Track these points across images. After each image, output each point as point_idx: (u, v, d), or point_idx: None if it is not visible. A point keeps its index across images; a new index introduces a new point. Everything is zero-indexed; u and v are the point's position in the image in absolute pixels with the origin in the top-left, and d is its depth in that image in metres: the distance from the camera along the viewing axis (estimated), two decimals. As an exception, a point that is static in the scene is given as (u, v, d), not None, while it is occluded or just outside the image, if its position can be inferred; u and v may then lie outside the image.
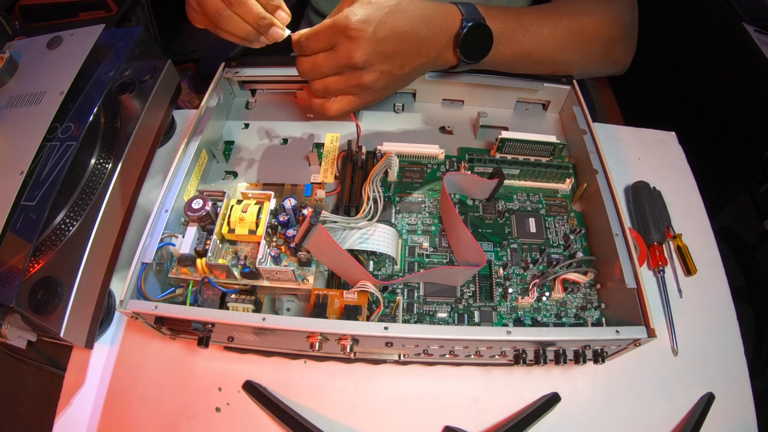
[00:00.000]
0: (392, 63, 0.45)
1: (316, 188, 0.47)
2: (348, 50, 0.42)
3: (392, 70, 0.45)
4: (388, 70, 0.45)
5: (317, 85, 0.45)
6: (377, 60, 0.43)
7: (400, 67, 0.46)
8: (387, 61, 0.44)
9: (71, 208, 0.44)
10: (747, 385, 0.46)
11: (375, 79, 0.44)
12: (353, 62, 0.42)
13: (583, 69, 0.59)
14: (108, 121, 0.51)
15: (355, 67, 0.43)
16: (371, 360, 0.46)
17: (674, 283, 0.52)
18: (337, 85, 0.44)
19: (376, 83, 0.45)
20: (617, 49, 0.59)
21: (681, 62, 1.11)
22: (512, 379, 0.46)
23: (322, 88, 0.45)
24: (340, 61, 0.42)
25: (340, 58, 0.42)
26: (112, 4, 1.06)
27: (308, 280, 0.43)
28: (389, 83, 0.46)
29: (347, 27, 0.41)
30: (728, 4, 0.95)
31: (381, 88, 0.46)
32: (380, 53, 0.43)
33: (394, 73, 0.46)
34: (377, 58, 0.43)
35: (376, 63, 0.43)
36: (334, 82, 0.44)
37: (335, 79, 0.44)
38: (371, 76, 0.44)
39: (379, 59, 0.43)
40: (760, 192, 0.86)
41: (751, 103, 0.90)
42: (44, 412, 0.47)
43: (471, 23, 0.46)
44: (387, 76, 0.45)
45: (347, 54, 0.42)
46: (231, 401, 0.45)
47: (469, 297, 0.45)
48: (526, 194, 0.52)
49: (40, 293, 0.40)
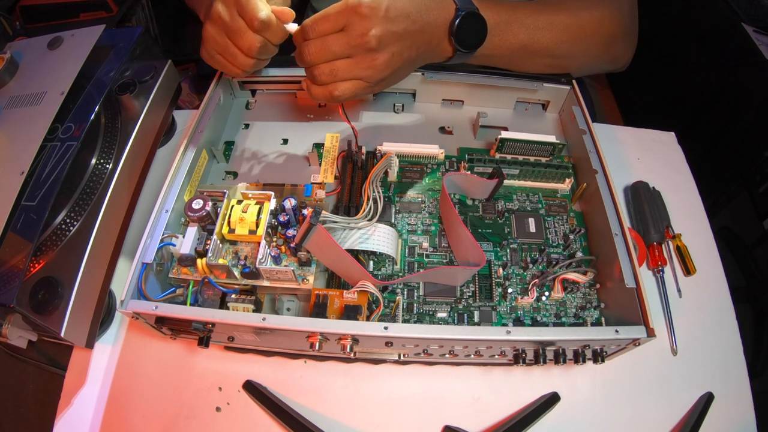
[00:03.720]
0: (403, 44, 0.44)
1: (316, 188, 0.47)
2: (362, 29, 0.41)
3: (402, 51, 0.44)
4: (398, 50, 0.44)
5: (324, 69, 0.43)
6: (390, 40, 0.43)
7: (409, 48, 0.45)
8: (398, 41, 0.44)
9: (72, 208, 0.44)
10: (746, 385, 0.47)
11: (387, 60, 0.43)
12: (367, 41, 0.41)
13: (582, 65, 0.59)
14: (108, 121, 0.51)
15: (369, 47, 0.42)
16: (371, 360, 0.46)
17: (673, 283, 0.52)
18: (347, 67, 0.43)
19: (388, 65, 0.44)
20: (617, 47, 0.59)
21: (680, 62, 1.12)
22: (512, 379, 0.47)
23: (329, 71, 0.43)
24: (353, 41, 0.42)
25: (353, 37, 0.41)
26: (112, 4, 1.06)
27: (308, 280, 0.43)
28: (398, 67, 0.46)
29: (360, 5, 0.40)
30: (727, 5, 0.95)
31: (391, 72, 0.45)
32: (393, 33, 0.43)
33: (403, 54, 0.45)
34: (390, 38, 0.43)
35: (389, 43, 0.43)
36: (344, 64, 0.43)
37: (344, 62, 0.43)
38: (384, 56, 0.43)
39: (392, 39, 0.43)
40: (759, 192, 0.86)
41: (751, 104, 0.90)
42: (45, 412, 0.47)
43: (464, 12, 0.47)
44: (398, 58, 0.44)
45: (361, 32, 0.41)
46: (231, 401, 0.45)
47: (468, 297, 0.45)
48: (526, 194, 0.52)
49: (41, 293, 0.40)
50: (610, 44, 0.58)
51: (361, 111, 0.61)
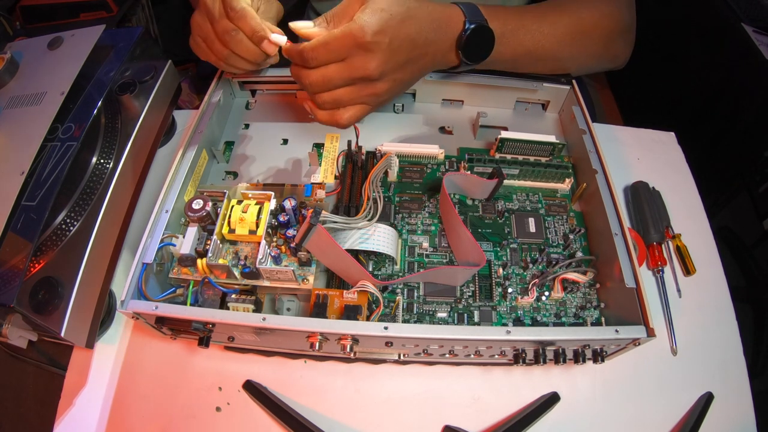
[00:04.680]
0: (404, 71, 0.45)
1: (316, 188, 0.47)
2: (363, 62, 0.41)
3: (404, 77, 0.46)
4: (400, 77, 0.45)
5: (326, 97, 0.43)
6: (391, 70, 0.43)
7: (411, 73, 0.46)
8: (400, 70, 0.44)
9: (72, 208, 0.44)
10: (746, 385, 0.47)
11: (389, 88, 0.44)
12: (369, 74, 0.42)
13: (583, 64, 0.59)
14: (108, 121, 0.51)
15: (371, 79, 0.42)
16: (371, 360, 0.46)
17: (673, 283, 0.52)
18: (349, 95, 0.44)
19: (389, 92, 0.45)
20: (616, 44, 0.59)
21: (680, 63, 1.12)
22: (512, 379, 0.47)
23: (332, 100, 0.44)
24: (354, 74, 0.42)
25: (355, 70, 0.41)
26: (112, 4, 1.06)
27: (308, 280, 0.43)
28: (402, 88, 0.47)
29: (364, 39, 0.39)
30: (727, 5, 0.95)
31: (394, 94, 0.47)
32: (395, 63, 0.43)
33: (405, 80, 0.46)
34: (392, 68, 0.43)
35: (390, 73, 0.43)
36: (346, 93, 0.43)
37: (346, 91, 0.43)
38: (385, 85, 0.44)
39: (393, 69, 0.43)
40: (759, 192, 0.86)
41: (750, 104, 0.91)
42: (45, 412, 0.47)
43: (473, 25, 0.47)
44: (399, 84, 0.46)
45: (362, 66, 0.41)
46: (231, 401, 0.45)
47: (468, 297, 0.45)
48: (526, 194, 0.52)
49: (41, 293, 0.40)
50: (609, 42, 0.58)
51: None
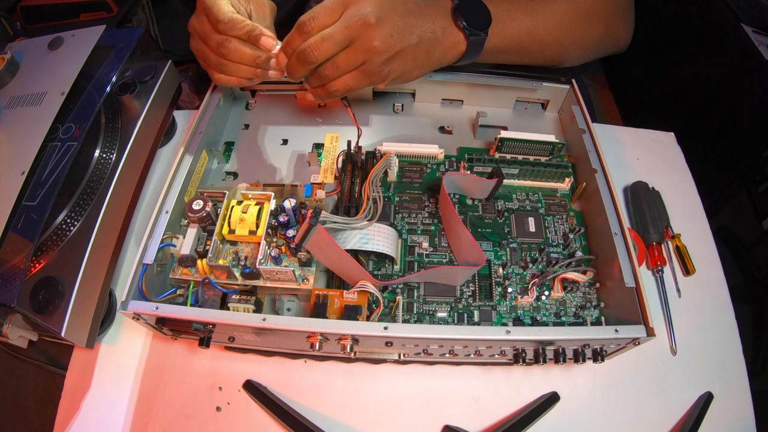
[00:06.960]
0: (402, 21, 0.44)
1: (316, 188, 0.47)
2: (358, 8, 0.41)
3: (402, 31, 0.44)
4: (398, 28, 0.43)
5: (327, 70, 0.43)
6: (386, 12, 0.42)
7: (410, 30, 0.45)
8: (395, 15, 0.43)
9: (72, 208, 0.45)
10: (745, 385, 0.47)
11: (384, 38, 0.42)
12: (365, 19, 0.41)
13: (586, 49, 0.59)
14: (109, 121, 0.51)
15: (368, 24, 0.41)
16: (371, 359, 0.46)
17: (673, 282, 0.52)
18: (347, 56, 0.43)
19: (386, 44, 0.43)
20: (617, 25, 0.59)
21: (679, 63, 1.12)
22: (512, 379, 0.47)
23: (332, 66, 0.43)
24: (350, 21, 0.41)
25: (350, 17, 0.41)
26: (113, 5, 1.06)
27: (308, 280, 0.43)
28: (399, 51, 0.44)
29: None
30: (727, 5, 0.95)
31: (392, 53, 0.44)
32: (389, 6, 0.43)
33: (404, 36, 0.44)
34: (387, 10, 0.42)
35: (385, 17, 0.42)
36: (344, 55, 0.42)
37: (344, 53, 0.42)
38: (381, 32, 0.42)
39: (388, 11, 0.43)
40: (759, 192, 0.86)
41: (750, 104, 0.91)
42: (45, 412, 0.47)
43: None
44: (398, 40, 0.44)
45: (357, 13, 0.41)
46: (231, 401, 0.45)
47: (468, 296, 0.45)
48: (526, 194, 0.52)
49: (42, 293, 0.40)
50: (609, 23, 0.58)
51: (361, 111, 0.61)
